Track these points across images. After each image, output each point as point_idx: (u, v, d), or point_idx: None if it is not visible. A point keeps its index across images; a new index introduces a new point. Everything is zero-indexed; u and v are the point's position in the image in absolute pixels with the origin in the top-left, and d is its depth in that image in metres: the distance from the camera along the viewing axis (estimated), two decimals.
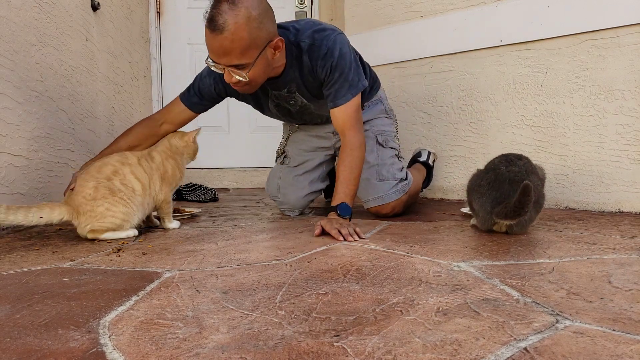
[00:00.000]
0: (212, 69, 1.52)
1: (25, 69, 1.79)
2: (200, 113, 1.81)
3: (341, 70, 1.62)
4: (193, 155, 1.76)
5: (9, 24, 1.69)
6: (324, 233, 1.46)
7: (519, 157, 1.50)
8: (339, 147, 1.99)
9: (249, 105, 1.90)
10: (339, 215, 1.52)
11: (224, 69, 1.48)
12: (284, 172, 1.98)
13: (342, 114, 1.65)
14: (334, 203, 1.56)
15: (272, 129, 3.37)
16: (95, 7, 2.36)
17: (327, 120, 1.94)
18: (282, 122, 2.10)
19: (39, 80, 1.88)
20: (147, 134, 1.74)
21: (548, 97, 2.07)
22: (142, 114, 3.05)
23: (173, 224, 1.69)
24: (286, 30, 1.65)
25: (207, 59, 1.50)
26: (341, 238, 1.40)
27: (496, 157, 1.54)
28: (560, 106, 2.04)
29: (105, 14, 2.52)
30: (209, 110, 1.87)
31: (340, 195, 1.56)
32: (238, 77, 1.49)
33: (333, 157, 2.07)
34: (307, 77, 1.69)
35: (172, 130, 1.77)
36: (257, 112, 2.17)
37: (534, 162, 1.54)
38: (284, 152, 2.05)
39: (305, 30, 1.65)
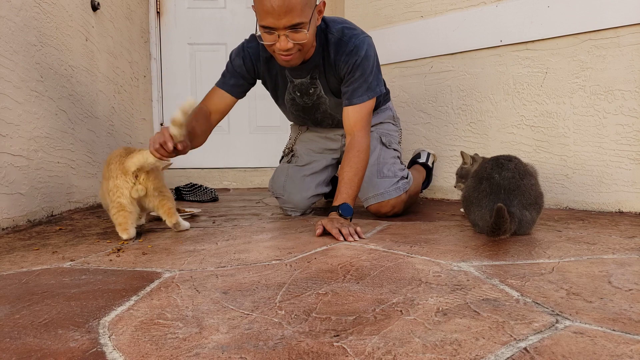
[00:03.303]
0: (264, 41, 1.53)
1: (25, 69, 1.79)
2: (237, 97, 1.80)
3: (363, 70, 1.66)
4: None
5: (8, 24, 1.69)
6: (324, 233, 1.47)
7: (509, 159, 1.48)
8: None
9: (248, 106, 1.91)
10: (340, 215, 1.53)
11: (278, 36, 1.48)
12: (292, 171, 1.98)
13: (356, 113, 1.67)
14: (336, 203, 1.56)
15: (272, 129, 3.37)
16: (95, 7, 2.36)
17: (338, 124, 1.97)
18: (292, 121, 2.12)
19: (39, 80, 1.88)
20: (205, 125, 1.73)
21: (548, 97, 2.07)
22: (142, 114, 3.05)
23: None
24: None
25: (257, 33, 1.53)
26: (341, 238, 1.40)
27: (486, 162, 1.52)
28: (560, 106, 2.04)
29: (105, 14, 2.52)
30: None
31: (343, 195, 1.57)
32: (293, 41, 1.49)
33: (338, 163, 2.08)
34: (328, 69, 1.72)
35: (219, 119, 1.80)
36: (258, 112, 2.19)
37: (530, 162, 1.54)
38: (291, 150, 2.06)
39: (337, 24, 1.69)
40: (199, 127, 1.68)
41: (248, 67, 1.77)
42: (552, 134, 2.06)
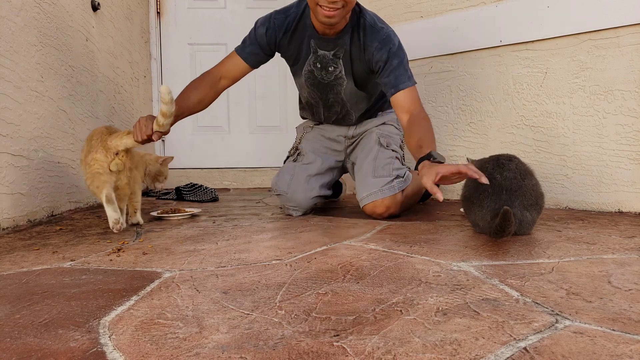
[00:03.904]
0: None
1: (26, 69, 1.79)
2: (253, 66, 1.87)
3: (400, 59, 1.71)
4: (155, 176, 1.89)
5: (9, 24, 1.70)
6: (441, 180, 1.35)
7: (510, 159, 1.48)
8: (349, 153, 2.06)
9: (248, 106, 1.93)
10: (434, 160, 1.42)
11: None
12: (298, 170, 1.99)
13: (407, 98, 1.69)
14: (423, 154, 1.46)
15: (272, 129, 3.37)
16: (95, 7, 2.36)
17: (344, 118, 2.01)
18: (301, 108, 2.14)
19: (39, 81, 1.88)
20: (209, 91, 1.82)
21: (548, 97, 2.07)
22: (142, 114, 3.05)
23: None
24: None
25: None
26: (464, 169, 1.28)
27: (487, 162, 1.50)
28: (560, 106, 2.04)
29: (106, 14, 2.52)
30: (210, 108, 1.90)
31: (428, 147, 1.47)
32: None
33: (341, 169, 2.12)
34: (356, 51, 1.78)
35: (229, 85, 1.87)
36: (258, 112, 2.17)
37: (530, 162, 1.54)
38: (297, 149, 2.08)
39: (369, 12, 1.79)
40: (196, 95, 1.78)
41: (269, 38, 1.82)
42: (552, 134, 2.06)
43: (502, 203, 1.37)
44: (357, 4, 1.77)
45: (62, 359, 0.66)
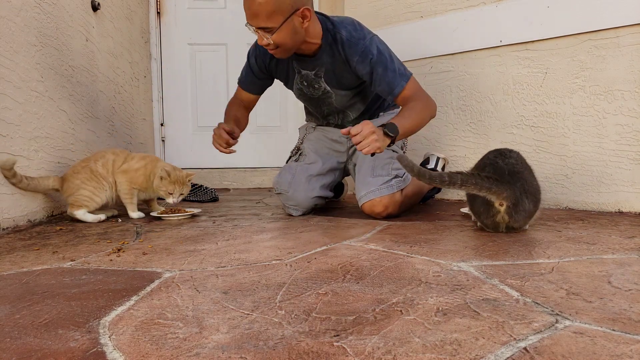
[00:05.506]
0: (249, 30, 1.66)
1: (26, 69, 1.79)
2: (257, 93, 2.04)
3: (384, 64, 1.73)
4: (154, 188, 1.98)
5: (9, 24, 1.70)
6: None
7: (510, 151, 1.53)
8: (352, 154, 2.09)
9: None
10: (384, 128, 1.56)
11: (256, 31, 1.62)
12: (299, 169, 2.00)
13: (407, 93, 1.74)
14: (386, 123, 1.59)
15: (272, 129, 3.37)
16: (95, 8, 2.36)
17: (342, 123, 2.05)
18: (306, 113, 2.21)
19: (39, 81, 1.88)
20: (244, 114, 2.06)
21: (548, 97, 2.07)
22: (143, 114, 3.05)
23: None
24: (325, 18, 1.80)
25: (246, 22, 1.66)
26: (356, 135, 1.50)
27: (489, 153, 1.54)
28: (560, 106, 2.04)
29: (106, 14, 2.52)
30: (209, 108, 1.95)
31: (395, 119, 1.62)
32: (266, 40, 1.63)
33: (343, 170, 2.13)
34: (339, 65, 1.80)
35: (252, 107, 2.09)
36: (258, 112, 2.19)
37: (530, 162, 1.55)
38: (299, 150, 2.09)
39: (345, 25, 1.78)
40: (239, 113, 2.02)
41: (260, 65, 1.93)
42: (552, 134, 2.06)
43: (506, 180, 1.39)
44: (330, 21, 1.78)
45: (62, 359, 0.66)
